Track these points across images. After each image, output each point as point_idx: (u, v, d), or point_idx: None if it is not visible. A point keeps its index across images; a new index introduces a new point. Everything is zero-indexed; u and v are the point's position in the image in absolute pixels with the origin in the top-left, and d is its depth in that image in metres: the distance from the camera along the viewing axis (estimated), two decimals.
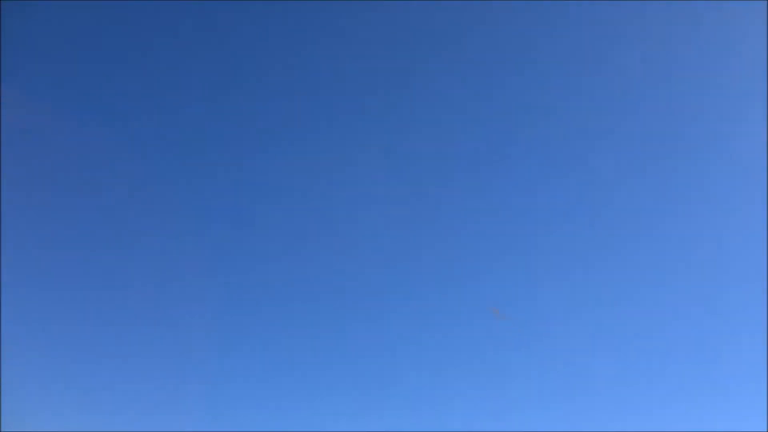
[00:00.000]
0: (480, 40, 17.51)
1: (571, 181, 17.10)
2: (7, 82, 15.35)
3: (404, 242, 16.90)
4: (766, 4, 15.54)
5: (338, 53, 17.87)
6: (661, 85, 17.27)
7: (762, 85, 15.68)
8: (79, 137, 16.80)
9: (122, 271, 16.00)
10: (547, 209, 16.95)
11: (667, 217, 16.84)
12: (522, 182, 17.20)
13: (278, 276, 16.63)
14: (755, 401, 13.67)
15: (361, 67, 18.06)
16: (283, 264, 16.75)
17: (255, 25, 17.77)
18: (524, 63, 17.50)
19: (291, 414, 14.76)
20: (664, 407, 14.62)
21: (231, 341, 15.78)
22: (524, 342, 15.99)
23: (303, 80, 17.78)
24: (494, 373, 15.72)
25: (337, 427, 14.39)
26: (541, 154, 17.27)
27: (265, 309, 16.30)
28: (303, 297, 16.43)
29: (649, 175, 17.07)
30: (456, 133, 17.55)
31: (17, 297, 14.23)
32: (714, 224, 16.52)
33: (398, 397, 15.42)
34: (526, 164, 17.24)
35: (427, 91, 17.73)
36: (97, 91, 17.05)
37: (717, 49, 16.88)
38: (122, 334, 15.29)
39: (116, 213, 16.50)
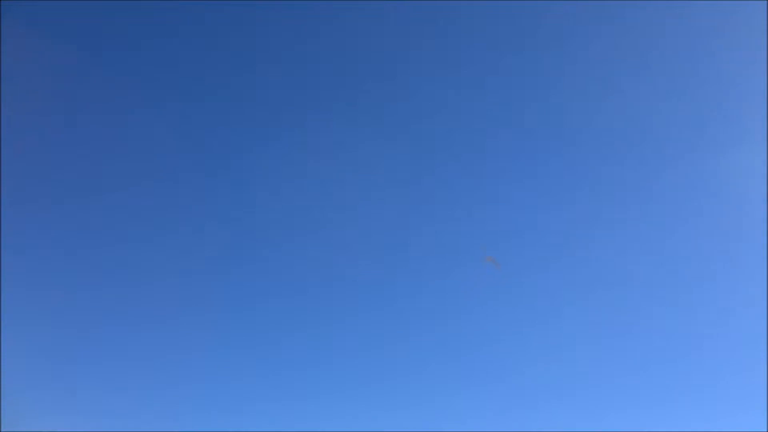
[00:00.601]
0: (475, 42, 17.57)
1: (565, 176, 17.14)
2: (7, 81, 15.35)
3: (401, 240, 16.95)
4: (766, 4, 15.56)
5: (336, 53, 17.93)
6: (655, 83, 17.30)
7: (762, 85, 15.69)
8: (77, 136, 16.81)
9: (120, 272, 16.00)
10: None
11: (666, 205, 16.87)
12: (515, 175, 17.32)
13: (272, 266, 16.65)
14: (755, 401, 13.70)
15: (357, 69, 18.13)
16: (277, 257, 16.77)
17: (253, 25, 17.81)
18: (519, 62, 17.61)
19: (289, 408, 14.76)
20: (664, 407, 14.65)
21: (230, 341, 15.78)
22: (522, 340, 16.02)
23: (296, 81, 17.84)
24: (490, 370, 15.75)
25: (336, 425, 14.40)
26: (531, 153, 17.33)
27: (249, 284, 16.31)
28: (300, 292, 16.46)
29: (647, 171, 17.10)
30: (444, 124, 17.75)
31: (17, 297, 14.25)
32: (714, 223, 16.55)
33: (396, 395, 15.44)
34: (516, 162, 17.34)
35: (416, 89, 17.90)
36: (96, 91, 17.06)
37: (716, 48, 16.90)
38: (122, 335, 15.30)
39: (115, 213, 16.50)
